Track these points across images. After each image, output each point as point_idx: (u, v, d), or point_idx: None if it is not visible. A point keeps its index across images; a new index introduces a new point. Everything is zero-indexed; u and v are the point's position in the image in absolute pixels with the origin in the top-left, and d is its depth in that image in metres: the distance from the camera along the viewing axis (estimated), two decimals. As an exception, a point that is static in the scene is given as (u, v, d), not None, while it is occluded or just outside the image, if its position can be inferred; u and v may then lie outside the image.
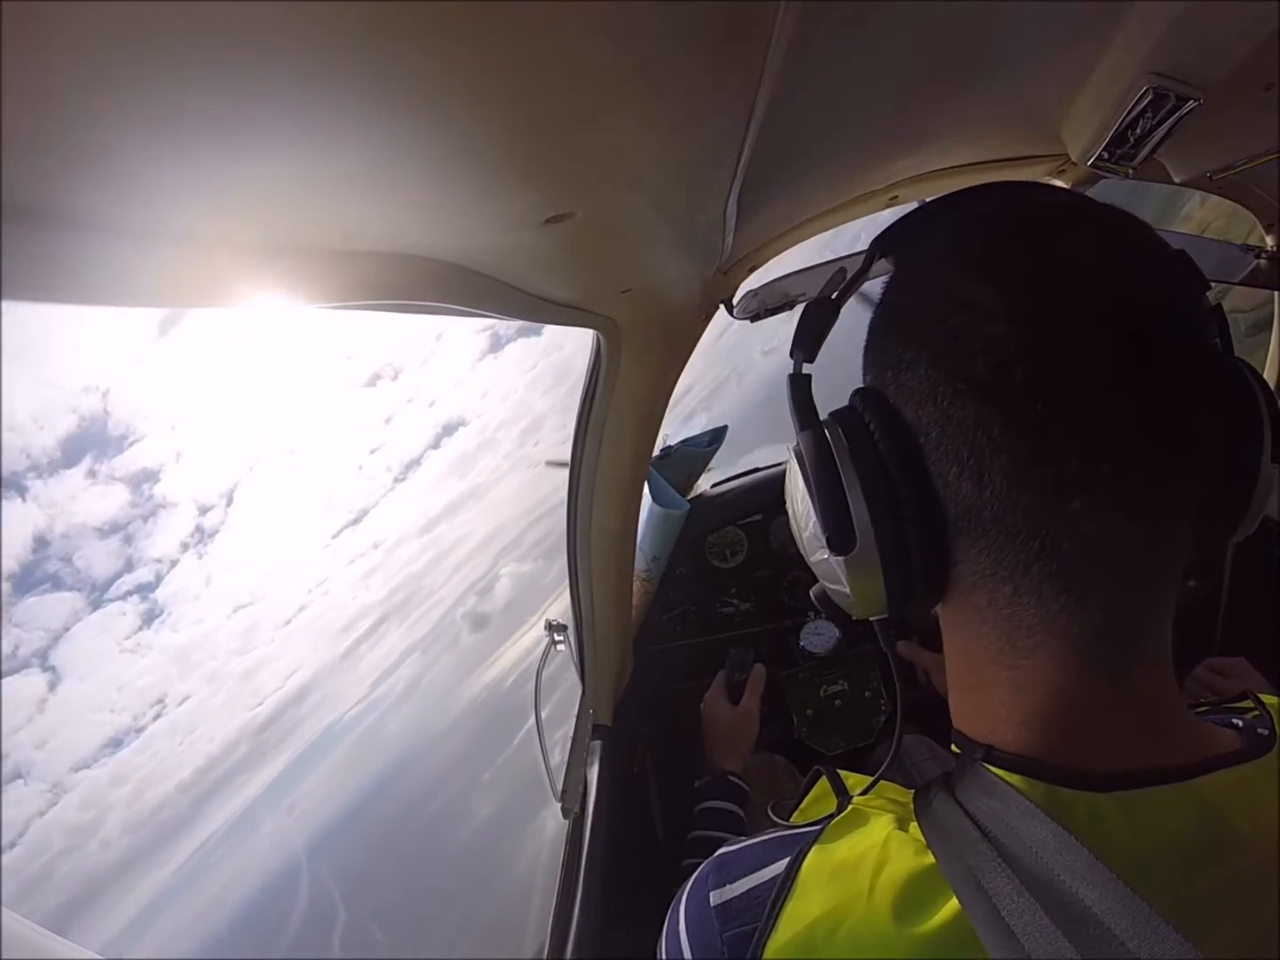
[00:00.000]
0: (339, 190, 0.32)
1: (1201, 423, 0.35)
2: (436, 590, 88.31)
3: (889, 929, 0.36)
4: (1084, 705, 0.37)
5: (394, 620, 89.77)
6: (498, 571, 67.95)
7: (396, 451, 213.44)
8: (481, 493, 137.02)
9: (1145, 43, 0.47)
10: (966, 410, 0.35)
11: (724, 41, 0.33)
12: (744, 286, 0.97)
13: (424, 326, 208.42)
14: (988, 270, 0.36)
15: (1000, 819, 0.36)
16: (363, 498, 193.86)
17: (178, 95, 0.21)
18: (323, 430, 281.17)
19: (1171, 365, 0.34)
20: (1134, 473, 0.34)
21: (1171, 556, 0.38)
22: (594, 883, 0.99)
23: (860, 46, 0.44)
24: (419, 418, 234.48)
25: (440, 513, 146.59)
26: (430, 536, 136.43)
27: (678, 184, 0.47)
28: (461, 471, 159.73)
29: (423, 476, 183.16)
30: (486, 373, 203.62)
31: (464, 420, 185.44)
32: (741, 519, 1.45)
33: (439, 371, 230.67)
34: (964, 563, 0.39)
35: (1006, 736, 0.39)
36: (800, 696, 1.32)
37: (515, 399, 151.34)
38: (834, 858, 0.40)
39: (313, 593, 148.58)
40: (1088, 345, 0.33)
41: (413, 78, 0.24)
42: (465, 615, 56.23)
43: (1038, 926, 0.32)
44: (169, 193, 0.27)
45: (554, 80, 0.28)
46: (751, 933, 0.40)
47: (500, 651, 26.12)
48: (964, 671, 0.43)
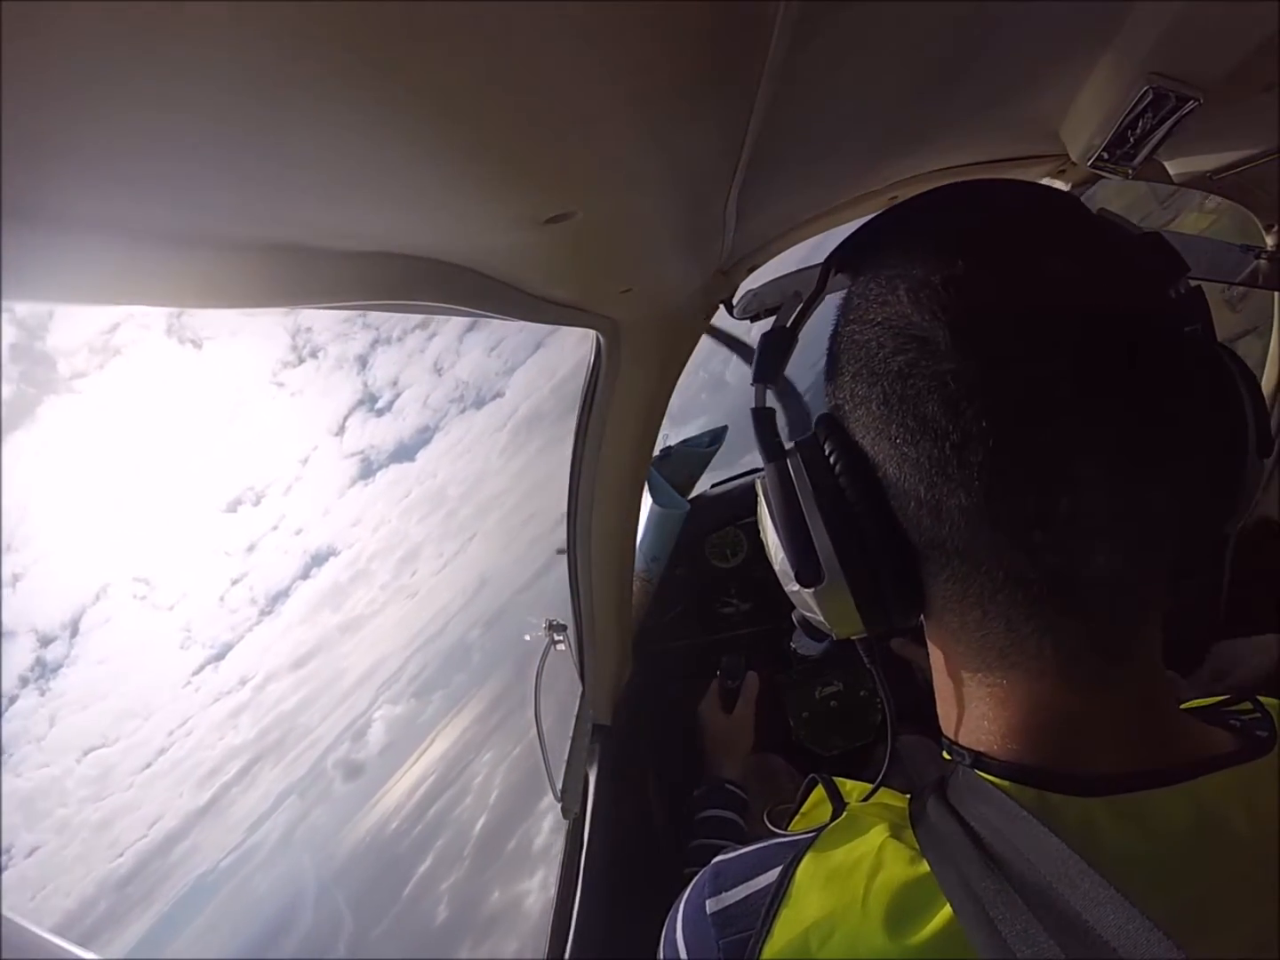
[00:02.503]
0: (339, 190, 0.32)
1: (1182, 428, 0.34)
2: (313, 729, 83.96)
3: (882, 937, 0.36)
4: (1067, 717, 0.37)
5: (267, 762, 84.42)
6: (371, 715, 65.06)
7: (261, 582, 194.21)
8: (357, 626, 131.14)
9: (1145, 43, 0.47)
10: (920, 449, 0.35)
11: (724, 41, 0.33)
12: (744, 286, 0.97)
13: (286, 448, 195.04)
14: (937, 302, 0.34)
15: (992, 824, 0.36)
16: (225, 631, 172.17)
17: (177, 94, 0.21)
18: (178, 556, 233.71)
19: (1145, 376, 0.33)
20: (1101, 503, 0.33)
21: (1152, 570, 0.37)
22: (594, 883, 0.99)
23: (860, 46, 0.44)
24: (285, 546, 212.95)
25: (313, 648, 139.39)
26: (303, 673, 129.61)
27: (678, 184, 0.47)
28: (334, 604, 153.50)
29: (292, 609, 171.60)
30: (357, 500, 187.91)
31: (334, 550, 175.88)
32: (741, 519, 1.45)
33: (305, 498, 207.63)
34: (933, 587, 0.39)
35: (993, 747, 0.39)
36: (796, 700, 1.32)
37: (389, 528, 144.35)
38: (829, 864, 0.40)
39: (174, 734, 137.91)
40: (1053, 372, 0.32)
41: (413, 78, 0.24)
42: (337, 764, 53.22)
43: (1028, 932, 0.32)
44: (168, 193, 0.27)
45: (554, 80, 0.28)
46: (747, 939, 0.40)
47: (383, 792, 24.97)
48: (948, 684, 0.43)
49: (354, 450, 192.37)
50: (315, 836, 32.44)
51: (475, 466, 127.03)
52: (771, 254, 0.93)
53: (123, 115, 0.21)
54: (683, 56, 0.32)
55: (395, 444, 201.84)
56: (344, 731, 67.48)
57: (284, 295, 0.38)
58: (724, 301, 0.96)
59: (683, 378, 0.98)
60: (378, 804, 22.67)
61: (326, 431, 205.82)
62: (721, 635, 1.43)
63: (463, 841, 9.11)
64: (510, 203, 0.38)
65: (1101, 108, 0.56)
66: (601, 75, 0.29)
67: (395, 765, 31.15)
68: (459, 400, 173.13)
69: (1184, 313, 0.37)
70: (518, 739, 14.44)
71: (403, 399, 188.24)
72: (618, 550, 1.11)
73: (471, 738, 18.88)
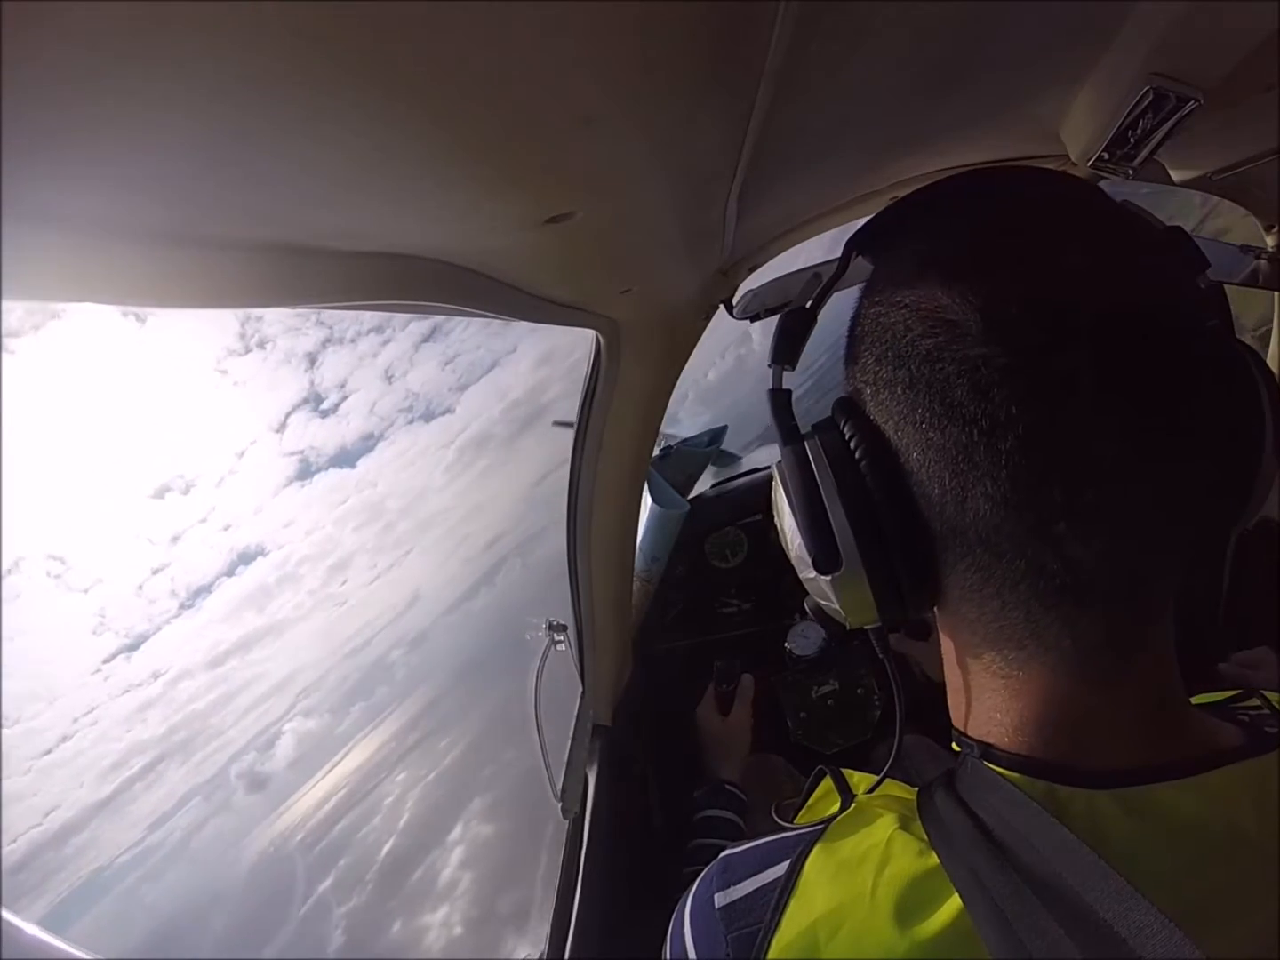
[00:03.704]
0: (340, 191, 0.32)
1: (1201, 422, 0.34)
2: (224, 731, 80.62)
3: (890, 930, 0.36)
4: (1079, 712, 0.37)
5: (174, 760, 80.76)
6: (285, 723, 62.85)
7: (184, 574, 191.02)
8: (280, 630, 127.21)
9: (1145, 43, 0.47)
10: (946, 435, 0.34)
11: (724, 41, 0.33)
12: (744, 286, 0.97)
13: (223, 439, 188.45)
14: (966, 286, 0.34)
15: (1001, 816, 0.36)
16: (141, 621, 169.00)
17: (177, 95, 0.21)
18: (98, 538, 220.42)
19: (1167, 372, 0.33)
20: (1123, 496, 0.33)
21: (1169, 565, 0.37)
22: (594, 883, 0.99)
23: (860, 47, 0.44)
24: (212, 540, 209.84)
25: (231, 648, 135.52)
26: (220, 672, 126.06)
27: (678, 184, 0.47)
28: (259, 605, 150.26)
29: (213, 605, 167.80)
30: (292, 501, 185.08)
31: (263, 549, 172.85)
32: (741, 519, 1.45)
33: (237, 493, 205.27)
34: (951, 576, 0.38)
35: (1003, 739, 0.39)
36: (792, 700, 1.33)
37: (323, 534, 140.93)
38: (837, 856, 0.40)
39: (79, 722, 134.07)
40: (1074, 364, 0.32)
41: (413, 78, 0.24)
42: (242, 773, 51.40)
43: (1039, 925, 0.32)
44: (168, 193, 0.27)
45: (554, 81, 0.28)
46: (756, 933, 0.40)
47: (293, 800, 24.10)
48: (959, 675, 0.42)
49: (294, 449, 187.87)
50: (217, 842, 31.46)
51: (418, 481, 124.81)
52: (771, 254, 0.93)
53: (123, 115, 0.21)
54: (683, 56, 0.32)
55: (337, 448, 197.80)
56: (257, 737, 65.45)
57: (284, 295, 0.38)
58: (724, 301, 0.96)
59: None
60: (285, 813, 22.03)
61: (267, 427, 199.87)
62: (721, 635, 1.43)
63: (366, 865, 8.86)
64: (510, 203, 0.38)
65: (1102, 108, 0.56)
66: (601, 75, 0.29)
67: (308, 774, 30.43)
68: (408, 411, 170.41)
69: (1204, 307, 0.37)
70: (433, 763, 14.08)
71: (350, 402, 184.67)
72: (618, 550, 1.11)
73: (388, 754, 18.47)
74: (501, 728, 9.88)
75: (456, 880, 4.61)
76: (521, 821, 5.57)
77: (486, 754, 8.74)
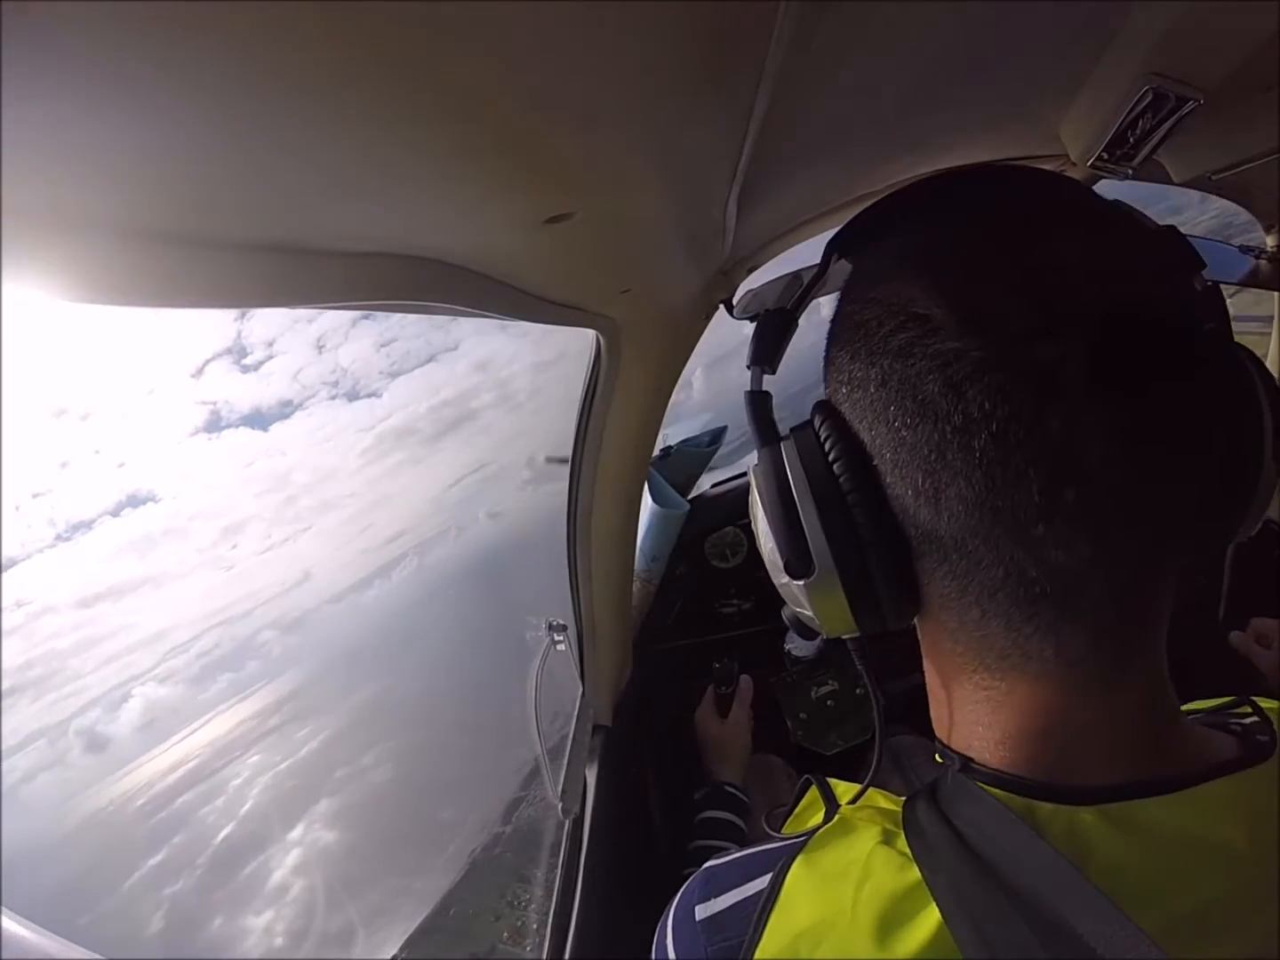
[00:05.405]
0: (340, 191, 0.32)
1: (1194, 423, 0.32)
2: (82, 675, 76.63)
3: (870, 946, 0.35)
4: (1063, 725, 0.36)
5: (25, 696, 77.36)
6: (140, 685, 60.09)
7: (66, 504, 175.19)
8: (159, 582, 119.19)
9: (1145, 43, 0.47)
10: (919, 433, 0.33)
11: (724, 41, 0.33)
12: (744, 286, 0.97)
13: (133, 373, 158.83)
14: (940, 280, 0.33)
15: (983, 830, 0.35)
16: (13, 545, 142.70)
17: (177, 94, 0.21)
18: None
19: (1159, 368, 0.31)
20: (1107, 496, 0.31)
21: (1160, 571, 0.35)
22: (594, 883, 0.99)
23: (860, 47, 0.44)
24: (102, 475, 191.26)
25: (104, 591, 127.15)
26: (87, 614, 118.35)
27: (678, 184, 0.47)
28: (141, 552, 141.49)
29: (93, 543, 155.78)
30: (194, 452, 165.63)
31: (155, 496, 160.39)
32: (741, 519, 1.44)
33: (138, 431, 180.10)
34: (930, 584, 0.37)
35: (985, 753, 0.38)
36: (792, 701, 1.33)
37: (222, 493, 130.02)
38: (819, 870, 0.40)
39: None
40: (1060, 355, 0.30)
41: (413, 78, 0.24)
42: (80, 732, 49.39)
43: (1019, 942, 0.31)
44: (169, 193, 0.27)
45: (554, 81, 0.28)
46: (737, 946, 0.40)
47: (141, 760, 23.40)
48: (940, 685, 0.42)
49: (207, 399, 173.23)
50: (55, 792, 30.70)
51: (330, 460, 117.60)
52: (771, 254, 0.93)
53: (123, 115, 0.21)
54: (683, 56, 0.32)
55: (252, 408, 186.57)
56: (117, 687, 62.32)
57: (284, 295, 0.38)
58: (724, 301, 0.96)
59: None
60: (133, 772, 21.20)
61: (183, 370, 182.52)
62: (721, 635, 1.43)
63: (200, 848, 8.36)
64: (510, 203, 0.38)
65: (1101, 108, 0.56)
66: (602, 75, 0.29)
67: (162, 737, 29.54)
68: (333, 385, 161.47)
69: (1201, 308, 0.35)
70: (289, 751, 13.51)
71: (274, 364, 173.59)
72: (618, 550, 1.11)
73: (245, 732, 17.77)
74: (364, 730, 9.72)
75: (288, 885, 4.47)
76: (365, 836, 5.45)
77: (344, 754, 8.55)
